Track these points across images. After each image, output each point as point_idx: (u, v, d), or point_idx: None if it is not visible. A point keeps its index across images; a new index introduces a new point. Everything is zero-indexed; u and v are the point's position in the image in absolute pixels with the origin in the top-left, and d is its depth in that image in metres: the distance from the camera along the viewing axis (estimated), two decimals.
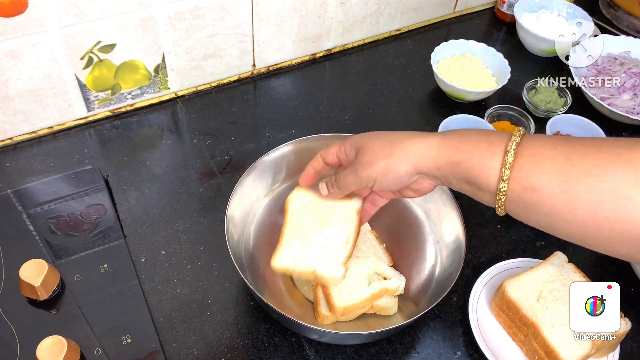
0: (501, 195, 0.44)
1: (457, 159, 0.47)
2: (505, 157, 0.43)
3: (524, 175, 0.43)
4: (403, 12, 1.01)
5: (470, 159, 0.46)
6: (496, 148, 0.45)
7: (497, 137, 0.45)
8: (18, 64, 0.71)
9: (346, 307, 0.59)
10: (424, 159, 0.49)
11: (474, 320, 0.61)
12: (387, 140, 0.51)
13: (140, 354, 0.58)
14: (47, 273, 0.60)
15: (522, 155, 0.43)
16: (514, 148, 0.43)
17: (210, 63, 0.87)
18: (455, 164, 0.47)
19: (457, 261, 0.61)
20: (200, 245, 0.69)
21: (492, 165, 0.44)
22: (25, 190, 0.72)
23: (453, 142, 0.47)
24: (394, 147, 0.50)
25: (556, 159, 0.42)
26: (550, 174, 0.42)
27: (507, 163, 0.43)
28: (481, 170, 0.45)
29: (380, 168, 0.51)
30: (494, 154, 0.44)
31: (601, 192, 0.39)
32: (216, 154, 0.81)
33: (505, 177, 0.43)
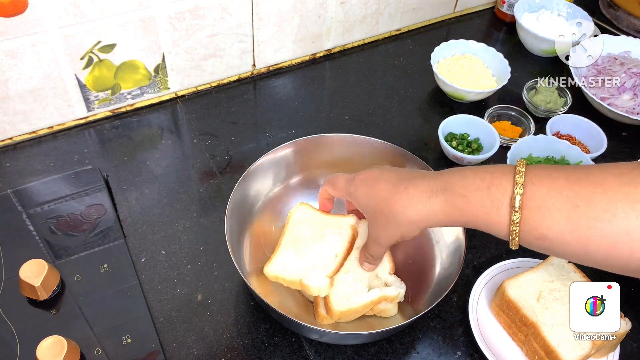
0: (514, 243, 0.46)
1: (464, 220, 0.48)
2: (512, 215, 0.44)
3: (533, 228, 0.43)
4: (403, 12, 1.01)
5: (478, 219, 0.47)
6: (501, 204, 0.45)
7: (499, 190, 0.45)
8: (18, 64, 0.71)
9: (343, 311, 0.59)
10: (432, 222, 0.50)
11: (474, 320, 0.61)
12: (391, 212, 0.51)
13: (140, 354, 0.58)
14: (47, 273, 0.60)
15: (528, 208, 0.43)
16: (519, 202, 0.43)
17: (210, 63, 0.87)
18: (463, 223, 0.48)
19: (457, 261, 0.61)
20: (200, 245, 0.69)
21: (500, 221, 0.45)
22: (25, 190, 0.72)
23: (456, 204, 0.47)
24: (401, 218, 0.51)
25: (563, 208, 0.42)
26: (559, 223, 0.42)
27: (515, 220, 0.44)
28: (490, 227, 0.46)
29: (396, 236, 0.53)
30: (499, 210, 0.45)
31: (613, 235, 0.40)
32: (216, 154, 0.81)
33: (515, 232, 0.44)
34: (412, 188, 0.50)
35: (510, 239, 0.45)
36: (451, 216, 0.48)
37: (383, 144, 0.69)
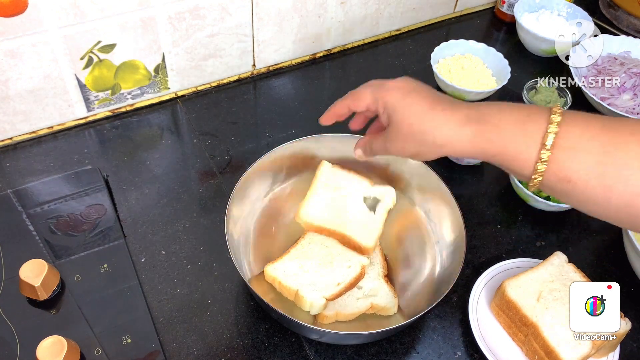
0: (535, 182, 0.44)
1: (491, 152, 0.46)
2: (542, 152, 0.43)
3: (559, 168, 0.43)
4: (403, 12, 1.01)
5: (506, 152, 0.45)
6: (533, 140, 0.43)
7: (534, 125, 0.44)
8: (18, 64, 0.71)
9: (331, 315, 0.60)
10: (456, 148, 0.48)
11: (474, 320, 0.61)
12: (419, 127, 0.49)
13: (140, 354, 0.58)
14: (47, 273, 0.60)
15: (558, 147, 0.42)
16: (550, 141, 0.42)
17: (210, 63, 0.87)
18: (490, 155, 0.46)
19: (457, 261, 0.61)
20: (200, 245, 0.69)
21: (527, 157, 0.44)
22: (25, 190, 0.72)
23: (487, 133, 0.46)
24: (425, 137, 0.48)
25: (593, 150, 0.41)
26: (587, 166, 0.41)
27: (544, 157, 0.43)
28: (516, 162, 0.45)
29: (411, 152, 0.51)
30: (530, 146, 0.44)
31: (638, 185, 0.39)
32: (216, 154, 0.81)
33: (540, 170, 0.43)
34: (449, 111, 0.48)
35: (532, 178, 0.44)
36: (479, 146, 0.46)
37: None
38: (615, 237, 0.73)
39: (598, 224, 0.76)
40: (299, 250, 0.64)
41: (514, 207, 0.77)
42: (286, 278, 0.61)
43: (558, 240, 0.73)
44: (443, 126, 0.47)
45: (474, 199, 0.78)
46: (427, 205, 0.70)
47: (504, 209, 0.77)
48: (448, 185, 0.66)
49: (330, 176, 0.71)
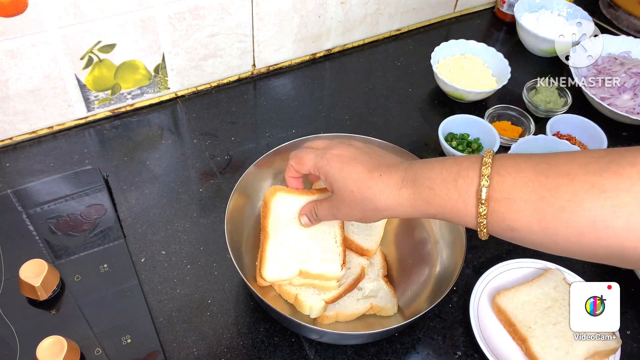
0: (482, 234, 0.45)
1: (431, 212, 0.48)
2: (479, 207, 0.43)
3: (500, 219, 0.43)
4: (403, 12, 1.01)
5: (445, 211, 0.46)
6: (468, 197, 0.44)
7: (466, 182, 0.45)
8: (18, 64, 0.71)
9: (331, 316, 0.60)
10: (397, 212, 0.50)
11: (475, 319, 0.61)
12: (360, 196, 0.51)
13: (140, 354, 0.58)
14: (47, 273, 0.60)
15: (494, 199, 0.43)
16: (485, 194, 0.43)
17: (210, 63, 0.87)
18: (432, 215, 0.48)
19: (457, 261, 0.61)
20: (200, 245, 0.69)
21: (467, 213, 0.45)
22: (25, 190, 0.72)
23: (424, 197, 0.47)
24: (368, 205, 0.50)
25: (529, 199, 0.41)
26: (526, 214, 0.42)
27: (482, 212, 0.44)
28: (458, 219, 0.46)
29: (357, 217, 0.53)
30: (467, 203, 0.45)
31: (580, 225, 0.39)
32: (216, 154, 0.81)
33: (482, 224, 0.44)
34: (386, 176, 0.50)
35: (479, 230, 0.45)
36: (418, 208, 0.48)
37: (383, 144, 0.69)
38: None
39: None
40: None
41: None
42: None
43: None
44: (382, 192, 0.49)
45: None
46: None
47: None
48: None
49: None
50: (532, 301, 0.62)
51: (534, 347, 0.58)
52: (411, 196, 0.48)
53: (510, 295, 0.63)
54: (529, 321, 0.60)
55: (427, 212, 0.48)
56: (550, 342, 0.59)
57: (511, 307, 0.62)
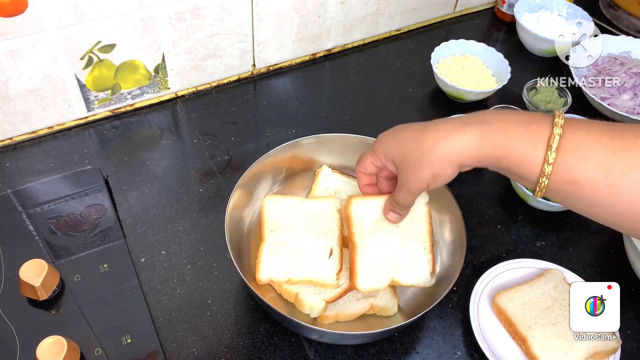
0: (542, 187, 0.44)
1: (497, 155, 0.45)
2: (548, 153, 0.42)
3: (566, 170, 0.43)
4: (403, 12, 1.01)
5: (511, 155, 0.45)
6: (538, 142, 0.43)
7: (538, 128, 0.44)
8: (18, 64, 0.71)
9: (331, 316, 0.60)
10: (465, 157, 0.47)
11: (475, 319, 0.61)
12: (420, 149, 0.48)
13: (140, 354, 0.58)
14: (47, 273, 0.60)
15: (564, 149, 0.42)
16: (556, 142, 0.42)
17: (210, 63, 0.87)
18: (497, 159, 0.46)
19: (457, 261, 0.61)
20: (200, 245, 0.69)
21: (534, 161, 0.44)
22: (25, 190, 0.72)
23: (492, 137, 0.45)
24: (431, 155, 0.47)
25: (600, 152, 0.41)
26: (593, 167, 0.41)
27: (550, 159, 0.42)
28: (523, 165, 0.44)
29: (427, 178, 0.49)
30: (536, 148, 0.43)
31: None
32: (216, 154, 0.81)
33: (547, 172, 0.43)
34: (443, 125, 0.48)
35: (539, 183, 0.44)
36: (484, 149, 0.45)
37: None
38: (615, 237, 0.73)
39: (598, 224, 0.75)
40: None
41: (514, 207, 0.77)
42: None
43: (558, 240, 0.73)
44: (444, 137, 0.47)
45: (474, 199, 0.78)
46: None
47: (504, 209, 0.77)
48: (448, 185, 0.66)
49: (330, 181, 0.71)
50: (532, 301, 0.62)
51: (533, 347, 0.58)
52: (478, 136, 0.46)
53: (510, 295, 0.63)
54: (528, 321, 0.60)
55: (493, 154, 0.45)
56: (550, 342, 0.59)
57: (511, 307, 0.62)
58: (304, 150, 0.71)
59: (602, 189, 0.41)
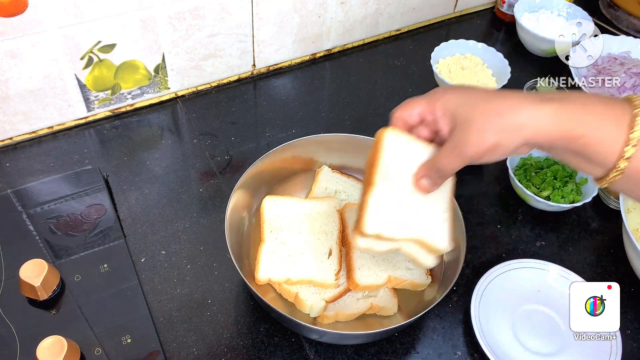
0: (617, 171, 0.41)
1: (576, 134, 0.42)
2: (631, 134, 0.40)
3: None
4: (403, 12, 1.01)
5: (592, 134, 0.41)
6: (622, 123, 0.41)
7: (621, 108, 0.41)
8: (18, 64, 0.71)
9: (331, 315, 0.60)
10: (538, 132, 0.42)
11: (475, 319, 0.61)
12: (493, 110, 0.43)
13: (140, 354, 0.58)
14: (47, 273, 0.60)
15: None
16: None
17: (210, 63, 0.87)
18: (573, 138, 0.42)
19: (457, 261, 0.61)
20: (200, 245, 0.69)
21: (615, 141, 0.41)
22: (25, 190, 0.72)
23: (574, 113, 0.42)
24: (504, 119, 0.43)
25: None
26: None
27: (634, 140, 0.40)
28: (601, 147, 0.41)
29: (489, 144, 0.44)
30: (620, 129, 0.40)
31: None
32: (216, 154, 0.81)
33: (627, 155, 0.40)
34: (522, 94, 0.44)
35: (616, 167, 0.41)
36: (563, 125, 0.42)
37: None
38: (615, 237, 0.73)
39: (598, 224, 0.76)
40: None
41: (514, 207, 0.77)
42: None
43: (558, 240, 0.73)
44: (520, 105, 0.43)
45: (474, 199, 0.78)
46: None
47: (504, 209, 0.77)
48: None
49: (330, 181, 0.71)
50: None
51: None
52: (558, 111, 0.42)
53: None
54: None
55: (570, 133, 0.42)
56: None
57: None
58: (304, 150, 0.71)
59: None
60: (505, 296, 0.65)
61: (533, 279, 0.66)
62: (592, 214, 0.77)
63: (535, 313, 0.64)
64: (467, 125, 0.44)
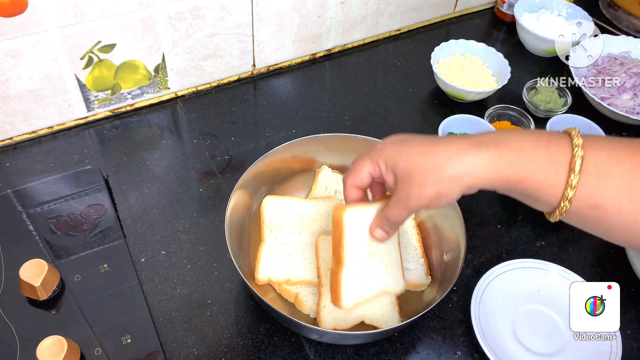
0: (562, 211, 0.42)
1: (515, 178, 0.43)
2: (571, 177, 0.40)
3: (589, 194, 0.41)
4: (403, 12, 1.01)
5: (531, 178, 0.42)
6: (560, 165, 0.41)
7: (559, 149, 0.41)
8: (18, 64, 0.71)
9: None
10: (477, 179, 0.44)
11: (476, 319, 0.61)
12: (428, 165, 0.45)
13: (140, 354, 0.58)
14: (47, 273, 0.60)
15: (587, 172, 0.40)
16: (579, 165, 0.40)
17: (210, 63, 0.87)
18: (513, 182, 0.43)
19: (457, 261, 0.61)
20: (200, 245, 0.69)
21: (555, 184, 0.41)
22: (25, 190, 0.72)
23: (510, 159, 0.42)
24: (440, 172, 0.44)
25: (624, 176, 0.40)
26: (618, 192, 0.40)
27: (573, 183, 0.40)
28: (542, 189, 0.42)
29: (431, 196, 0.45)
30: (557, 172, 0.41)
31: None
32: (216, 154, 0.81)
33: (569, 197, 0.41)
34: (456, 143, 0.44)
35: (560, 207, 0.42)
36: (502, 172, 0.43)
37: None
38: None
39: None
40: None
41: (514, 207, 0.77)
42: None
43: (558, 240, 0.73)
44: (456, 155, 0.44)
45: (474, 199, 0.77)
46: None
47: (504, 209, 0.77)
48: None
49: (330, 181, 0.71)
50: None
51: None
52: (494, 158, 0.43)
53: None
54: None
55: (509, 178, 0.43)
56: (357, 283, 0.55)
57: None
58: (304, 150, 0.71)
59: (627, 214, 0.40)
60: (505, 296, 0.65)
61: (533, 279, 0.66)
62: None
63: (535, 313, 0.64)
64: (407, 181, 0.46)
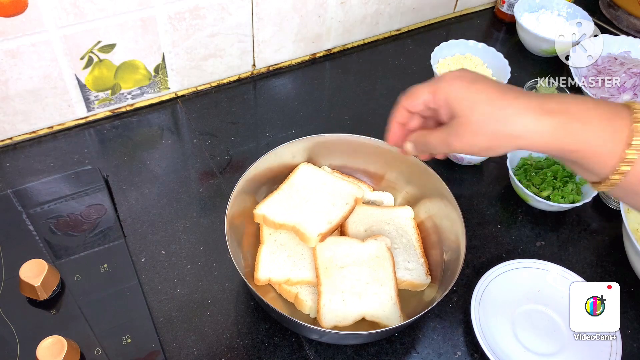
0: (612, 182, 0.42)
1: (573, 147, 0.42)
2: (627, 150, 0.40)
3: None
4: (403, 12, 1.01)
5: (588, 149, 0.42)
6: (618, 137, 0.41)
7: (623, 122, 0.41)
8: (18, 64, 0.71)
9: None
10: (533, 143, 0.43)
11: (476, 319, 0.61)
12: (492, 116, 0.43)
13: (140, 354, 0.58)
14: (47, 273, 0.60)
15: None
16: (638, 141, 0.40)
17: (210, 63, 0.87)
18: (569, 151, 0.42)
19: (457, 261, 0.61)
20: (200, 245, 0.69)
21: (611, 156, 0.41)
22: (25, 190, 0.72)
23: (572, 129, 0.42)
24: (501, 127, 0.43)
25: None
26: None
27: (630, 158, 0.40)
28: (597, 161, 0.42)
29: (481, 146, 0.45)
30: (615, 144, 0.41)
31: None
32: (216, 154, 0.81)
33: (623, 170, 0.41)
34: (524, 99, 0.43)
35: (610, 179, 0.41)
36: (560, 139, 0.42)
37: (383, 144, 0.69)
38: (615, 237, 0.73)
39: (598, 224, 0.76)
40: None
41: (514, 207, 0.77)
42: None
43: (558, 240, 0.73)
44: (519, 115, 0.43)
45: (474, 199, 0.78)
46: (427, 205, 0.70)
47: (504, 209, 0.77)
48: (448, 185, 0.66)
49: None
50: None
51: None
52: (557, 126, 0.42)
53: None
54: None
55: (567, 146, 0.42)
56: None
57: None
58: (303, 151, 0.71)
59: None
60: (505, 296, 0.65)
61: (533, 279, 0.66)
62: (592, 214, 0.77)
63: (535, 313, 0.64)
64: (465, 122, 0.45)
